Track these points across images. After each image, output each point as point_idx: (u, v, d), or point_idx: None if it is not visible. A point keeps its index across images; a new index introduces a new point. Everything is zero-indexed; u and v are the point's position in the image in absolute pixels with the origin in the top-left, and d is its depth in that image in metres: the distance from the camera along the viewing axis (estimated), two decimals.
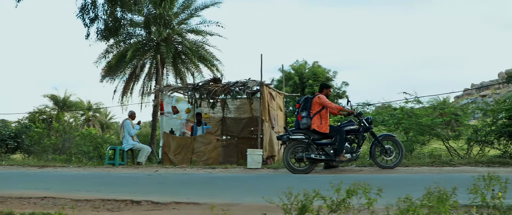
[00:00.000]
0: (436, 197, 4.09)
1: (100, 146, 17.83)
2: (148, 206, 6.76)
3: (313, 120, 10.83)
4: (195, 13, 23.69)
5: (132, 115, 15.84)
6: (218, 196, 7.23)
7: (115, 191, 7.95)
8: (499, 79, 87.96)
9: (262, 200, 6.50)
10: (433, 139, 16.38)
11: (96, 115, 45.05)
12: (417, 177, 8.97)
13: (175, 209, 6.47)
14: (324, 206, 4.51)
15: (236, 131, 17.43)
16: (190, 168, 12.91)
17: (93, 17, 13.38)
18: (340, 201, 4.50)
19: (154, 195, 7.33)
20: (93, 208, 6.80)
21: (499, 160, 11.21)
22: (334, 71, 40.36)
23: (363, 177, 9.39)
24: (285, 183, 9.06)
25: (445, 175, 9.15)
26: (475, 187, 4.20)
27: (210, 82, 15.41)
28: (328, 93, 11.43)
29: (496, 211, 4.11)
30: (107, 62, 23.57)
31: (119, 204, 6.97)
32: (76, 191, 8.05)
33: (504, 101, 14.88)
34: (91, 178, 11.13)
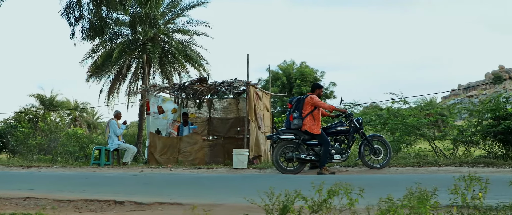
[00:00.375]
0: (417, 197, 4.09)
1: (86, 146, 17.71)
2: (131, 207, 6.72)
3: (305, 120, 10.80)
4: (181, 12, 23.64)
5: (117, 115, 15.75)
6: (202, 197, 7.21)
7: (98, 192, 7.90)
8: (486, 80, 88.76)
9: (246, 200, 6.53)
10: (419, 139, 16.46)
11: (83, 115, 44.78)
12: (401, 177, 9.00)
13: (158, 210, 6.44)
14: (305, 207, 4.51)
15: (222, 131, 17.39)
16: (175, 168, 12.86)
17: (78, 16, 13.31)
18: (322, 202, 4.50)
19: (137, 196, 7.30)
20: (76, 209, 6.74)
21: (484, 160, 11.29)
22: (321, 72, 40.55)
23: (348, 177, 9.41)
24: (270, 183, 9.05)
25: (429, 175, 9.20)
26: (456, 188, 4.21)
27: (196, 82, 15.36)
28: (320, 93, 11.39)
29: (476, 211, 4.12)
30: (93, 62, 23.42)
31: (102, 204, 6.93)
32: (59, 192, 7.99)
33: (490, 101, 14.98)
34: (75, 178, 11.06)
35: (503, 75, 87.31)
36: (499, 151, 13.54)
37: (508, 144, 13.27)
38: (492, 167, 10.54)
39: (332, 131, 11.13)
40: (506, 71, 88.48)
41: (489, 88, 79.06)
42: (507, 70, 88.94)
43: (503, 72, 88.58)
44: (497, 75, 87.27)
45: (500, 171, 9.88)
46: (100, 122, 47.21)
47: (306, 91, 36.04)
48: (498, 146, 13.68)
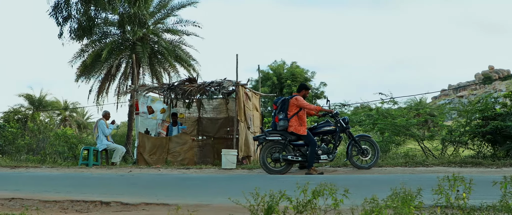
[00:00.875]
0: (401, 197, 4.09)
1: (74, 146, 17.61)
2: (117, 207, 6.68)
3: (291, 122, 10.76)
4: (171, 12, 23.61)
5: (106, 115, 15.68)
6: (189, 197, 7.17)
7: (85, 192, 7.87)
8: (476, 80, 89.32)
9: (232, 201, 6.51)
10: (409, 140, 16.51)
11: (72, 115, 44.60)
12: (388, 178, 9.00)
13: (144, 210, 6.40)
14: (290, 207, 4.50)
15: (212, 131, 17.37)
16: (164, 168, 12.81)
17: (66, 16, 13.24)
18: (307, 202, 4.49)
19: (125, 196, 7.27)
20: (62, 209, 6.70)
21: (472, 160, 11.31)
22: (312, 72, 40.59)
23: (335, 177, 9.42)
24: (257, 184, 9.03)
25: (416, 176, 9.20)
26: (440, 188, 4.21)
27: (185, 82, 15.30)
28: (306, 94, 11.33)
29: (460, 211, 4.12)
30: (83, 62, 23.34)
31: (88, 205, 6.89)
32: (45, 192, 7.94)
33: (478, 102, 15.04)
34: (62, 178, 10.98)
35: (492, 75, 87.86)
36: (488, 151, 13.60)
37: (496, 144, 13.34)
38: (480, 167, 10.57)
39: (318, 131, 11.10)
40: (496, 72, 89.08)
41: (479, 88, 79.53)
42: (496, 70, 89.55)
43: (492, 72, 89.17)
44: (487, 76, 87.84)
45: (487, 171, 9.91)
46: (90, 122, 47.01)
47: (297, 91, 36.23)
48: (487, 146, 13.75)
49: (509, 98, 14.33)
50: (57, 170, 13.03)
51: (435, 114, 17.67)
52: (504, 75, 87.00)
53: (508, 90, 15.16)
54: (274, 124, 11.03)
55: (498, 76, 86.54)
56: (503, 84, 76.07)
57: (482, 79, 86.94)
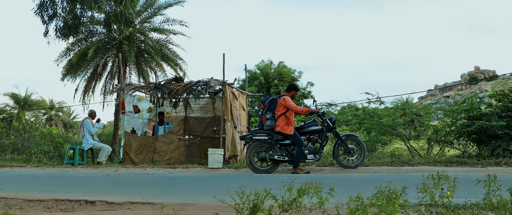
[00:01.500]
0: (386, 196, 4.10)
1: (60, 146, 17.49)
2: (102, 206, 6.66)
3: (278, 121, 10.74)
4: (158, 11, 23.49)
5: (92, 114, 15.56)
6: (175, 196, 7.16)
7: (70, 191, 7.83)
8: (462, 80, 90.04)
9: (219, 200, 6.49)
10: (395, 139, 16.58)
11: (59, 114, 44.29)
12: (374, 177, 9.03)
13: (130, 209, 6.38)
14: (275, 206, 4.50)
15: (198, 130, 17.32)
16: (150, 167, 12.75)
17: (51, 14, 13.14)
18: (292, 201, 4.49)
19: (110, 195, 7.24)
20: (46, 209, 6.66)
21: (457, 160, 11.38)
22: (299, 72, 40.58)
23: (321, 176, 9.43)
24: (243, 183, 9.02)
25: (402, 175, 9.24)
26: (425, 186, 4.23)
27: (172, 82, 15.25)
28: (294, 95, 11.34)
29: (444, 209, 4.15)
30: (69, 61, 23.14)
31: (72, 204, 6.86)
32: (30, 191, 7.90)
33: (464, 102, 15.13)
34: (47, 178, 10.90)
35: (478, 76, 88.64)
36: (473, 150, 13.70)
37: (481, 143, 13.43)
38: (465, 166, 10.64)
39: (305, 131, 11.11)
40: (482, 72, 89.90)
41: (465, 88, 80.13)
42: (482, 71, 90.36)
43: (478, 73, 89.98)
44: (472, 76, 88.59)
45: (472, 170, 9.98)
46: (76, 121, 46.74)
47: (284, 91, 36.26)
48: (472, 146, 13.85)
49: (494, 98, 14.43)
50: (42, 169, 12.94)
51: (421, 113, 17.74)
52: (490, 76, 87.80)
53: (494, 91, 15.26)
54: (261, 123, 11.00)
55: (483, 76, 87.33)
56: (488, 84, 76.79)
57: (468, 79, 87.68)
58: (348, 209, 4.21)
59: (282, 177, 9.40)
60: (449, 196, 4.18)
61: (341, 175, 9.72)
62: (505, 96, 13.58)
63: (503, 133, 12.35)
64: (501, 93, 13.98)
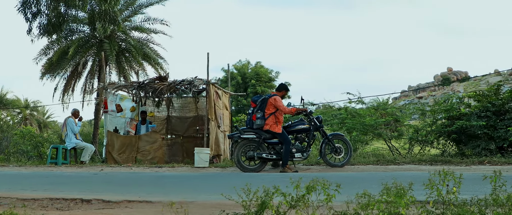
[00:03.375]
0: (394, 192, 4.18)
1: (40, 145, 17.25)
2: (99, 205, 6.62)
3: (268, 120, 10.83)
4: (139, 10, 23.32)
5: (75, 113, 15.38)
6: (170, 195, 7.14)
7: (62, 190, 7.76)
8: (435, 81, 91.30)
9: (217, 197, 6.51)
10: (374, 139, 16.79)
11: (33, 114, 43.69)
12: (364, 175, 9.17)
13: (128, 208, 6.36)
14: (284, 202, 4.54)
15: (181, 129, 17.24)
16: (136, 167, 12.69)
17: (35, 12, 12.99)
18: (300, 197, 4.54)
19: (103, 194, 7.19)
20: (42, 207, 6.59)
21: (441, 159, 11.57)
22: (276, 72, 40.82)
23: (311, 175, 9.48)
24: (234, 181, 9.05)
25: (391, 173, 9.37)
26: (431, 182, 4.32)
27: (156, 81, 15.16)
28: (285, 95, 11.48)
29: (452, 205, 4.24)
30: (48, 59, 22.81)
31: (68, 203, 6.80)
32: (22, 190, 7.81)
33: (444, 102, 15.38)
34: (35, 177, 10.75)
35: (451, 77, 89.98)
36: (452, 150, 13.94)
37: (460, 143, 13.68)
38: (449, 165, 10.80)
39: (292, 129, 11.21)
40: (454, 73, 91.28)
41: (437, 89, 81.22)
42: (455, 72, 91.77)
43: (451, 74, 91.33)
44: (445, 77, 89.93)
45: (457, 169, 10.14)
46: (50, 121, 46.19)
47: (261, 91, 36.32)
48: (451, 145, 14.09)
49: (473, 98, 14.69)
50: (26, 169, 12.76)
51: (398, 114, 17.93)
52: (462, 77, 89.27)
53: (473, 92, 15.55)
54: (251, 122, 11.08)
55: (456, 78, 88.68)
56: (461, 85, 77.98)
57: (441, 80, 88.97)
58: (357, 205, 4.27)
59: (270, 176, 9.50)
60: (455, 192, 4.27)
61: (330, 173, 9.78)
62: (484, 96, 13.84)
63: (482, 132, 12.59)
64: (480, 94, 14.25)
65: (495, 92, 13.62)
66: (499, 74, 76.14)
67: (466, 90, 74.10)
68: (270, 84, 39.37)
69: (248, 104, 33.78)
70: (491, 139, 12.64)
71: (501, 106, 13.06)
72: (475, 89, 70.63)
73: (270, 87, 38.62)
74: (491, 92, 13.70)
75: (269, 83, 39.38)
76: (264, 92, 36.19)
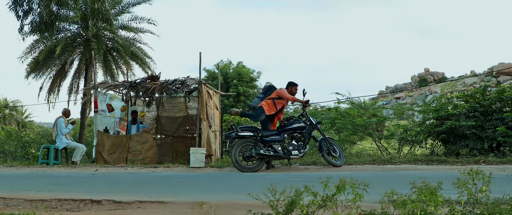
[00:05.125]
0: (429, 190, 4.20)
1: (28, 145, 16.96)
2: (110, 206, 6.53)
3: (263, 102, 11.33)
4: (126, 9, 23.04)
5: (65, 113, 15.14)
6: (180, 195, 7.09)
7: (68, 191, 7.65)
8: (412, 82, 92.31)
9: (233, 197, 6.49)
10: (363, 139, 16.92)
11: (12, 113, 43.00)
12: (371, 174, 9.17)
13: (141, 208, 6.29)
14: (315, 202, 4.52)
15: (171, 129, 17.11)
16: (130, 167, 12.55)
17: (27, 10, 12.83)
18: (330, 196, 4.53)
19: (111, 194, 7.11)
20: (50, 208, 6.48)
21: (437, 158, 11.63)
22: (258, 72, 40.66)
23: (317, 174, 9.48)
24: (239, 181, 9.03)
25: (392, 173, 9.43)
26: (461, 182, 4.36)
27: (147, 80, 15.02)
28: (293, 90, 11.63)
29: (482, 204, 4.28)
30: (34, 58, 22.40)
31: (77, 203, 6.70)
32: (25, 191, 7.66)
33: (433, 102, 15.55)
34: (33, 177, 10.52)
35: (428, 78, 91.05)
36: (440, 150, 14.09)
37: (448, 143, 13.85)
38: (445, 165, 10.90)
39: (288, 128, 11.23)
40: (431, 74, 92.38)
41: (415, 90, 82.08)
42: (432, 73, 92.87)
43: (428, 75, 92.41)
44: (422, 78, 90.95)
45: (454, 168, 10.24)
46: (29, 121, 45.57)
47: (243, 91, 36.33)
48: (440, 145, 14.25)
49: (461, 99, 14.87)
50: (18, 169, 12.52)
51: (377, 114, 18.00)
52: (439, 78, 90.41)
53: (461, 92, 15.76)
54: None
55: (433, 78, 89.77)
56: (438, 86, 78.87)
57: (418, 81, 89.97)
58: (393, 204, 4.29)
59: (274, 176, 9.49)
60: (485, 190, 4.32)
61: (332, 173, 9.76)
62: (472, 97, 14.00)
63: (471, 132, 12.75)
64: (468, 95, 14.42)
65: (482, 93, 13.79)
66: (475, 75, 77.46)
67: (443, 91, 75.01)
68: (251, 85, 39.23)
69: (230, 104, 33.82)
70: (479, 139, 12.80)
71: (489, 107, 13.22)
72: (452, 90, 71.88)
73: (252, 87, 38.52)
74: (479, 93, 13.86)
75: (251, 83, 39.24)
76: (246, 92, 36.21)
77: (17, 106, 42.78)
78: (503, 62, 74.34)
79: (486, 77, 71.74)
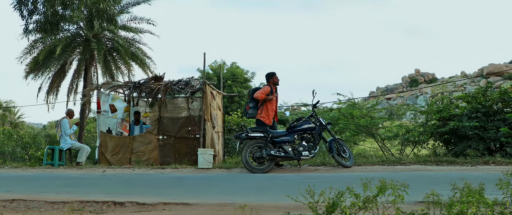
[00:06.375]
0: (477, 192, 4.19)
1: (29, 146, 16.78)
2: (133, 208, 6.46)
3: (259, 110, 11.37)
4: (125, 9, 22.82)
5: (69, 113, 15.03)
6: (203, 197, 7.04)
7: (88, 192, 7.56)
8: (403, 83, 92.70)
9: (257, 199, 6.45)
10: (366, 140, 16.93)
11: (6, 114, 42.61)
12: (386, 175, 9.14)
13: (166, 210, 6.23)
14: (357, 203, 4.49)
15: (173, 130, 17.02)
16: (138, 168, 12.44)
17: (32, 10, 12.73)
18: (372, 198, 4.51)
19: (132, 196, 7.04)
20: (73, 210, 6.40)
21: (447, 159, 11.63)
22: (252, 72, 40.71)
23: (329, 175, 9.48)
24: (257, 182, 8.98)
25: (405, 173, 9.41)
26: (505, 183, 4.35)
27: (151, 81, 14.93)
28: (275, 80, 11.77)
29: None
30: (33, 58, 22.12)
31: (100, 205, 6.62)
32: (44, 193, 7.55)
33: (436, 103, 15.60)
34: (47, 179, 10.29)
35: (418, 78, 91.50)
36: (442, 150, 14.13)
37: (450, 143, 13.89)
38: (455, 165, 10.92)
39: (298, 129, 11.20)
40: (422, 75, 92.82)
41: (406, 91, 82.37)
42: (422, 74, 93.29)
43: (418, 75, 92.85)
44: (413, 79, 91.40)
45: (464, 169, 10.28)
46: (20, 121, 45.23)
47: (237, 92, 36.31)
48: (441, 146, 14.28)
49: (462, 99, 14.92)
50: (23, 171, 12.34)
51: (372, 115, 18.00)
52: (429, 79, 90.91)
53: (463, 93, 15.80)
54: (246, 113, 11.77)
55: (424, 79, 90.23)
56: (428, 87, 79.23)
57: (409, 82, 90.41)
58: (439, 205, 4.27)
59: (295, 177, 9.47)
60: None
61: (346, 174, 9.76)
62: (474, 98, 14.04)
63: (473, 133, 12.78)
64: (470, 95, 14.46)
65: (483, 94, 13.85)
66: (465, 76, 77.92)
67: (433, 91, 75.41)
68: (246, 85, 39.25)
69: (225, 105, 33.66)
70: (482, 140, 12.83)
71: (490, 107, 13.27)
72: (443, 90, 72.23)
73: (246, 88, 38.53)
74: (480, 94, 13.91)
75: (245, 84, 39.25)
76: (240, 92, 36.19)
77: (10, 107, 42.46)
78: (493, 63, 74.91)
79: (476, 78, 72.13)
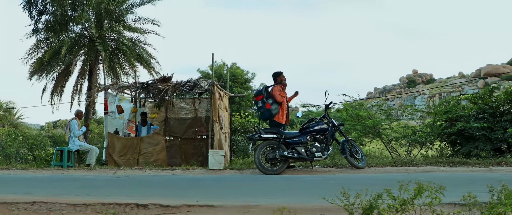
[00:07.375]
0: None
1: (35, 147, 16.66)
2: (157, 210, 6.40)
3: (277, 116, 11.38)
4: (130, 9, 22.73)
5: (78, 114, 14.97)
6: (226, 198, 6.98)
7: (108, 195, 7.49)
8: (401, 83, 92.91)
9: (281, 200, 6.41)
10: (373, 140, 16.92)
11: (6, 115, 42.44)
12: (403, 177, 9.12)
13: (190, 212, 6.18)
14: (395, 205, 4.47)
15: (179, 131, 17.00)
16: (148, 169, 12.38)
17: (41, 10, 12.69)
18: (409, 200, 4.49)
19: (153, 198, 6.99)
20: (95, 213, 6.36)
21: (458, 160, 11.63)
22: (252, 73, 40.75)
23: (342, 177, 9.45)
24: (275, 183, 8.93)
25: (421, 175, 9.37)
26: None
27: (159, 81, 14.86)
28: (283, 79, 11.80)
29: None
30: (38, 59, 21.99)
31: (123, 208, 6.57)
32: (64, 195, 7.48)
33: (442, 104, 15.60)
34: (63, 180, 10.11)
35: (416, 79, 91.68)
36: (448, 151, 14.13)
37: (456, 144, 13.89)
38: (467, 167, 10.91)
39: (311, 130, 11.17)
40: (419, 76, 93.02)
41: (404, 92, 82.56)
42: (420, 74, 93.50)
43: (416, 76, 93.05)
44: (411, 79, 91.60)
45: (477, 170, 10.28)
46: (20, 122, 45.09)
47: (238, 92, 36.33)
48: (448, 147, 14.29)
49: (468, 100, 14.93)
50: (33, 172, 12.23)
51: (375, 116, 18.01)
52: (427, 79, 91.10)
53: (469, 94, 15.82)
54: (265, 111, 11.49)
55: (421, 80, 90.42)
56: (426, 87, 79.41)
57: (407, 82, 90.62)
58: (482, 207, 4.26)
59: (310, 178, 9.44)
60: None
61: (360, 175, 9.74)
62: (481, 99, 14.06)
63: (480, 134, 12.78)
64: (476, 96, 14.47)
65: (490, 94, 13.87)
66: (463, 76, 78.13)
67: (431, 92, 75.55)
68: (246, 86, 39.30)
69: None
70: (488, 141, 12.83)
71: (497, 108, 13.27)
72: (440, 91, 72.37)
73: (246, 88, 38.59)
74: (486, 95, 13.93)
75: (245, 85, 39.30)
76: (241, 93, 36.20)
77: (10, 108, 42.33)
78: (491, 64, 75.12)
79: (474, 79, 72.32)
